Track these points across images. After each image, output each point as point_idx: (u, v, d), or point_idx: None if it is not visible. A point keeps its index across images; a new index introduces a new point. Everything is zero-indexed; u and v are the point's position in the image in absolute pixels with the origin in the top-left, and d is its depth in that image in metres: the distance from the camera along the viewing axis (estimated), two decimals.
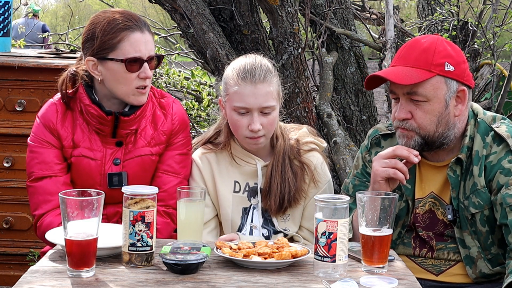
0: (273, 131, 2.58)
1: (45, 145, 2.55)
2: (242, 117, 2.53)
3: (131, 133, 2.57)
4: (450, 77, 2.32)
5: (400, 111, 2.35)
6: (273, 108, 2.53)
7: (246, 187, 2.63)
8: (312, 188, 2.61)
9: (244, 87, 2.51)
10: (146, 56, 2.48)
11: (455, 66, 2.32)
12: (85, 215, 1.92)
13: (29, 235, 3.68)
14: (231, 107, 2.54)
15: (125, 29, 2.45)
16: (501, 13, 5.03)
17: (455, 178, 2.39)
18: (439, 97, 2.31)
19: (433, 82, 2.31)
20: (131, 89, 2.50)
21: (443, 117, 2.33)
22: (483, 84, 4.92)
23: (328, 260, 2.00)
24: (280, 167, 2.58)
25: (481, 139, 2.37)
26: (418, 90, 2.31)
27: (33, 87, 3.66)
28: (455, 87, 2.33)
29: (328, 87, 4.12)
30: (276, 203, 2.56)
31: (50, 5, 20.12)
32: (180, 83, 5.28)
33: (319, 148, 2.66)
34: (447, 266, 2.45)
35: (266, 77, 2.52)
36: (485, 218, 2.36)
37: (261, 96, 2.51)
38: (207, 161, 2.65)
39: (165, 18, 13.07)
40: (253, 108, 2.51)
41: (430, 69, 2.30)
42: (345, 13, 4.58)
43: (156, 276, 1.96)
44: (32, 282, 1.87)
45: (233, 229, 2.60)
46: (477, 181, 2.35)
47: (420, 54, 2.33)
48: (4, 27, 3.84)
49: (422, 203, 2.47)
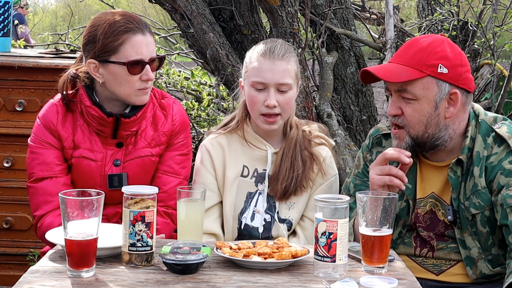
0: (289, 112, 2.63)
1: (45, 146, 2.55)
2: (259, 93, 2.58)
3: (131, 134, 2.57)
4: (442, 79, 2.32)
5: (391, 107, 2.38)
6: (290, 87, 2.59)
7: (255, 173, 2.65)
8: (320, 178, 2.65)
9: (263, 63, 2.58)
10: (147, 58, 2.48)
11: (449, 68, 2.32)
12: (85, 215, 1.92)
13: (29, 235, 3.68)
14: (249, 83, 2.61)
15: (126, 32, 2.45)
16: (501, 13, 5.03)
17: (455, 179, 2.39)
18: (428, 98, 2.32)
19: (424, 82, 2.32)
20: (133, 91, 2.50)
21: (432, 118, 2.34)
22: (483, 84, 4.91)
23: (328, 260, 2.00)
24: (291, 154, 2.62)
25: (482, 140, 2.37)
26: (407, 87, 2.32)
27: (33, 87, 3.66)
28: (447, 89, 2.33)
29: (328, 87, 4.12)
30: (282, 188, 2.59)
31: (50, 5, 20.13)
32: (180, 83, 5.28)
33: (329, 145, 2.70)
34: (448, 266, 2.45)
35: (285, 55, 2.59)
36: (486, 219, 2.36)
37: (279, 72, 2.57)
38: (219, 145, 2.68)
39: (165, 18, 13.07)
40: (269, 83, 2.56)
41: (422, 69, 2.31)
42: (345, 13, 4.59)
43: (156, 276, 1.96)
44: (32, 282, 1.87)
45: (235, 212, 2.62)
46: (478, 182, 2.35)
47: (415, 53, 2.34)
48: (4, 27, 3.84)
49: (423, 203, 2.47)
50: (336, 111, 4.33)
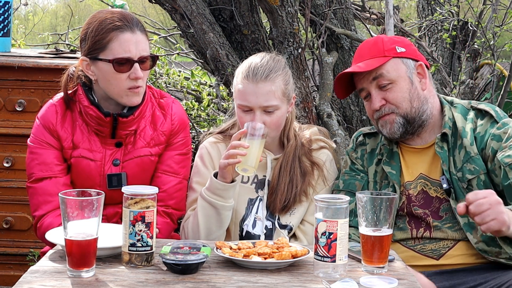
0: (279, 130, 2.61)
1: (45, 146, 2.54)
2: (245, 115, 2.56)
3: (130, 134, 2.57)
4: (405, 56, 2.55)
5: (374, 100, 2.53)
6: (276, 107, 2.55)
7: (255, 179, 2.64)
8: (321, 184, 2.65)
9: (246, 86, 2.55)
10: (137, 57, 2.46)
11: (405, 47, 2.56)
12: (85, 215, 1.92)
13: (29, 235, 3.68)
14: (236, 104, 2.60)
15: (114, 29, 2.45)
16: (501, 13, 5.03)
17: (443, 153, 2.50)
18: (402, 76, 2.53)
19: (392, 64, 2.53)
20: (123, 90, 2.49)
21: (413, 93, 2.53)
22: (483, 84, 4.91)
23: (328, 260, 2.00)
24: (289, 167, 2.61)
25: (463, 117, 2.54)
26: (382, 72, 2.51)
27: (33, 87, 3.66)
28: (412, 64, 2.55)
29: (328, 87, 4.11)
30: (281, 203, 2.58)
31: (50, 5, 20.11)
32: (180, 83, 5.27)
33: (329, 147, 2.69)
34: (446, 248, 2.47)
35: (268, 76, 2.54)
36: (482, 182, 2.45)
37: (262, 95, 2.53)
38: (218, 150, 2.67)
39: (165, 18, 13.05)
40: (254, 107, 2.54)
41: (384, 54, 2.53)
42: (345, 13, 4.58)
43: (156, 276, 1.96)
44: (32, 282, 1.87)
45: (237, 219, 2.62)
46: (470, 149, 2.48)
47: (370, 48, 2.57)
48: (4, 27, 3.84)
49: (413, 185, 2.55)
50: (336, 111, 4.32)
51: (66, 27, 6.10)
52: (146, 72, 2.52)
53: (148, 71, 2.54)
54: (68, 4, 14.27)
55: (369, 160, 2.64)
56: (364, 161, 2.65)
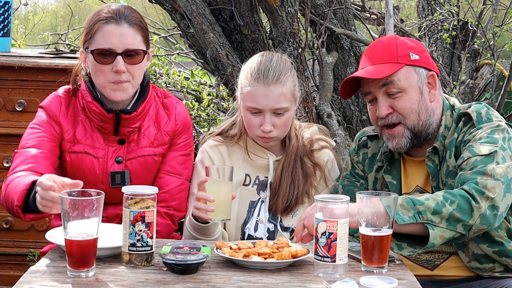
0: (286, 131, 2.59)
1: (45, 126, 2.51)
2: (254, 117, 2.54)
3: (133, 131, 2.56)
4: (418, 65, 2.42)
5: (381, 108, 2.42)
6: (286, 109, 2.54)
7: (256, 180, 2.63)
8: (323, 185, 2.64)
9: (256, 88, 2.51)
10: (120, 49, 2.44)
11: (419, 54, 2.43)
12: (85, 215, 1.92)
13: (29, 235, 3.68)
14: (244, 106, 2.55)
15: (100, 21, 2.46)
16: (501, 13, 5.03)
17: (433, 168, 2.43)
18: (413, 86, 2.40)
19: (404, 72, 2.40)
20: (107, 83, 2.47)
21: (421, 104, 2.41)
22: (483, 84, 4.91)
23: (328, 260, 2.00)
24: (291, 168, 2.59)
25: (455, 127, 2.43)
26: (393, 79, 2.38)
27: (33, 87, 3.66)
28: (424, 73, 2.43)
29: (328, 87, 4.11)
30: (283, 204, 2.56)
31: (50, 5, 20.11)
32: (180, 83, 5.27)
33: (330, 146, 2.68)
34: (441, 259, 2.46)
35: (279, 78, 2.51)
36: None
37: (273, 97, 2.50)
38: (219, 153, 2.65)
39: (165, 18, 13.04)
40: (265, 109, 2.51)
41: (398, 60, 2.40)
42: (345, 13, 4.58)
43: (156, 276, 1.96)
44: (32, 282, 1.87)
45: (238, 222, 2.60)
46: (449, 163, 2.39)
47: (383, 50, 2.43)
48: (4, 27, 3.84)
49: None
50: (336, 111, 4.32)
51: (66, 27, 6.10)
52: (135, 67, 2.46)
53: (139, 66, 2.48)
54: (68, 4, 14.26)
55: (369, 166, 2.59)
56: (365, 166, 2.60)
